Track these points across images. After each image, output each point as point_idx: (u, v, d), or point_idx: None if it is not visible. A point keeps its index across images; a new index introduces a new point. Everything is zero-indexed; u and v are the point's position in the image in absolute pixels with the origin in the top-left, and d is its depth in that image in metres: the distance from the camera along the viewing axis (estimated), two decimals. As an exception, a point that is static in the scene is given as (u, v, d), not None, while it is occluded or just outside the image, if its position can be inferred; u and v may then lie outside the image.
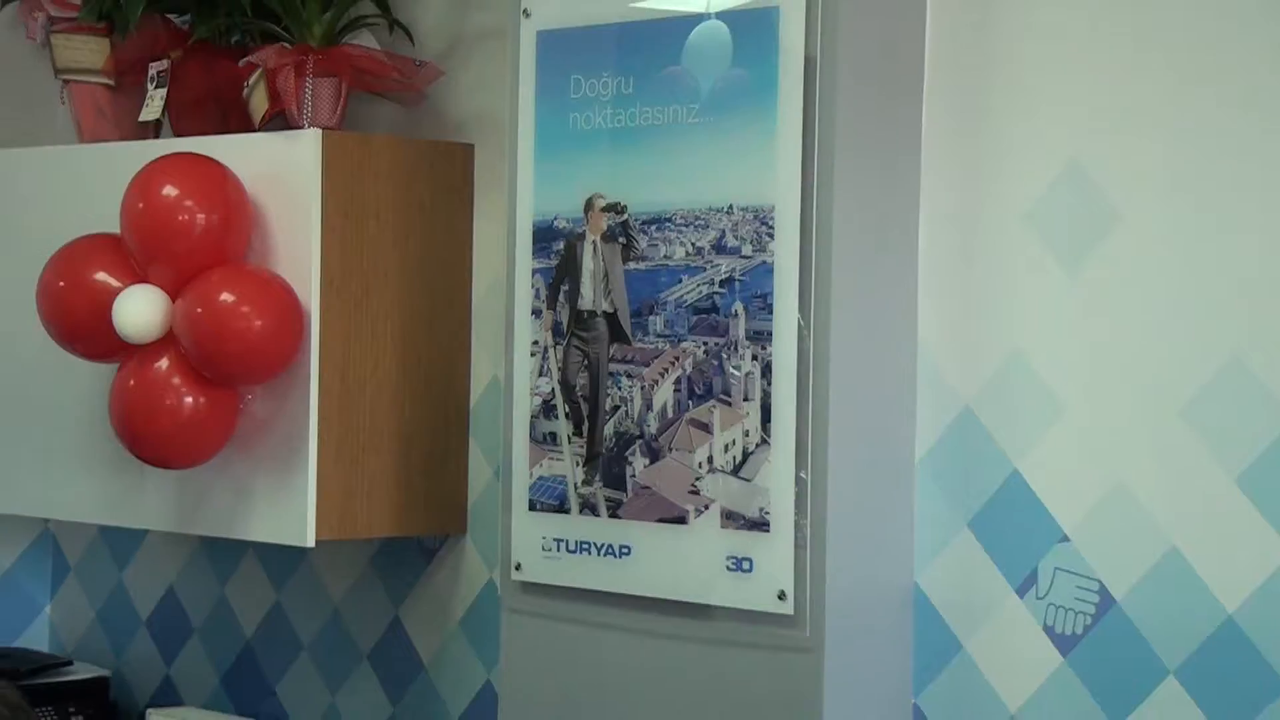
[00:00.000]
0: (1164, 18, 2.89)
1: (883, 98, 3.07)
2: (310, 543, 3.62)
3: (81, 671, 4.33)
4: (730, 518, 3.05)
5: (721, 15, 3.07)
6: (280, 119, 3.73)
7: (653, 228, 3.14)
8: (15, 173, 4.14)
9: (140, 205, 3.62)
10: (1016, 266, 3.03)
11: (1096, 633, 2.94)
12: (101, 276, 3.65)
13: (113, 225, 3.68)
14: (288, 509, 3.64)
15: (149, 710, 4.16)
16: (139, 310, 3.58)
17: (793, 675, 2.99)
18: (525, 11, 3.29)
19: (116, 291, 3.60)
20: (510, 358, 3.34)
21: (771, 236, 3.00)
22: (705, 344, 3.08)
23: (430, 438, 3.78)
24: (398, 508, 3.74)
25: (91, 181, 3.85)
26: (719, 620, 3.08)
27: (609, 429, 3.20)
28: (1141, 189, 2.90)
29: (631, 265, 3.17)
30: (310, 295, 3.60)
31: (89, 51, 3.99)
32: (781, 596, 2.99)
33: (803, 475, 2.98)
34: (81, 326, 3.68)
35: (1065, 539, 2.97)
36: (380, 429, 3.71)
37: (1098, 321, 2.95)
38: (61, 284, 3.70)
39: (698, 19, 3.10)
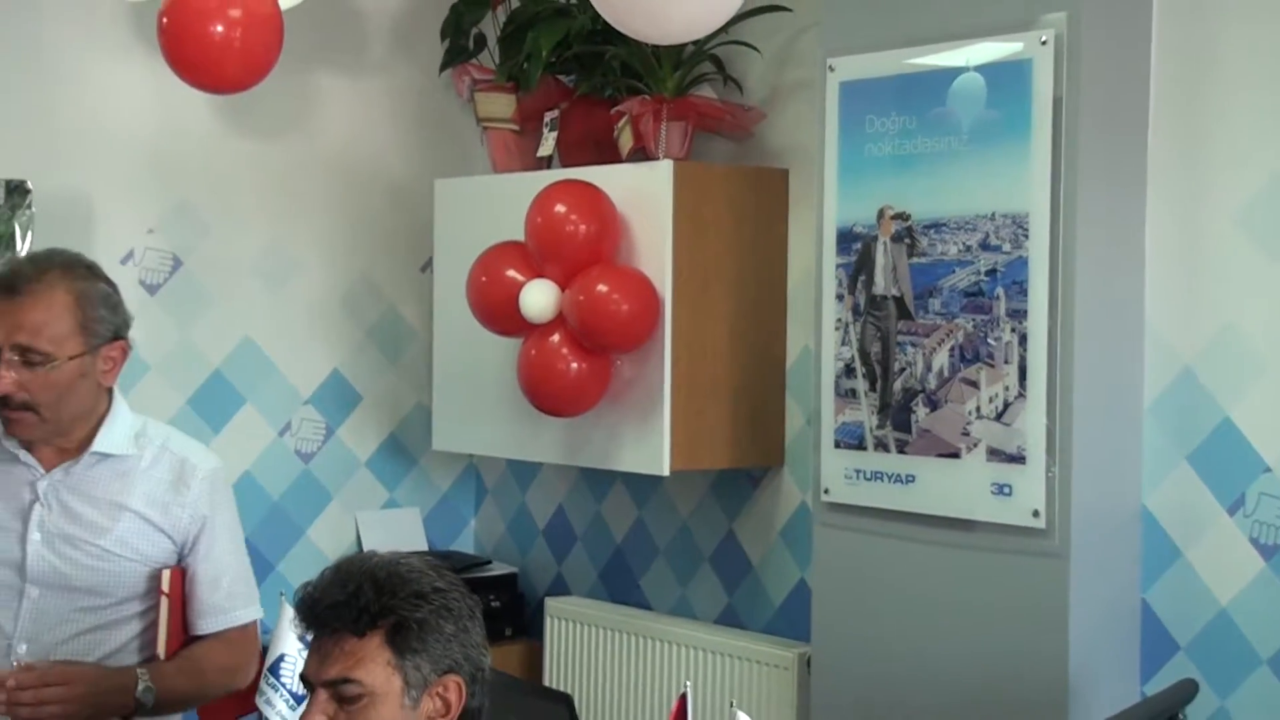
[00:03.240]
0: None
1: (1116, 124, 3.02)
2: (666, 472, 3.68)
3: (497, 569, 4.40)
4: (994, 453, 3.03)
5: (979, 68, 3.04)
6: (641, 153, 3.79)
7: (931, 231, 3.12)
8: (450, 196, 4.24)
9: (539, 219, 3.70)
10: (1228, 256, 2.97)
11: (1294, 544, 2.90)
12: (511, 273, 3.73)
13: (519, 234, 3.76)
14: (648, 446, 3.69)
15: (546, 598, 4.24)
16: (538, 298, 3.66)
17: (1044, 576, 2.97)
18: (830, 68, 3.30)
19: (522, 284, 3.69)
20: (819, 331, 3.35)
21: (1026, 237, 2.97)
22: (973, 320, 3.06)
23: (755, 392, 3.78)
24: (731, 446, 3.75)
25: (503, 202, 3.92)
26: (984, 533, 3.06)
27: (897, 385, 3.19)
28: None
29: (914, 260, 3.15)
30: (664, 285, 3.64)
31: (501, 105, 4.08)
32: (1035, 514, 2.97)
33: (1051, 422, 2.95)
34: (497, 310, 3.76)
35: (1268, 470, 2.92)
36: (718, 386, 3.72)
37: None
38: (483, 279, 3.79)
39: (959, 71, 3.08)
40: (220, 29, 3.11)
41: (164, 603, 2.50)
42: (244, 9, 3.14)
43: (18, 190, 3.64)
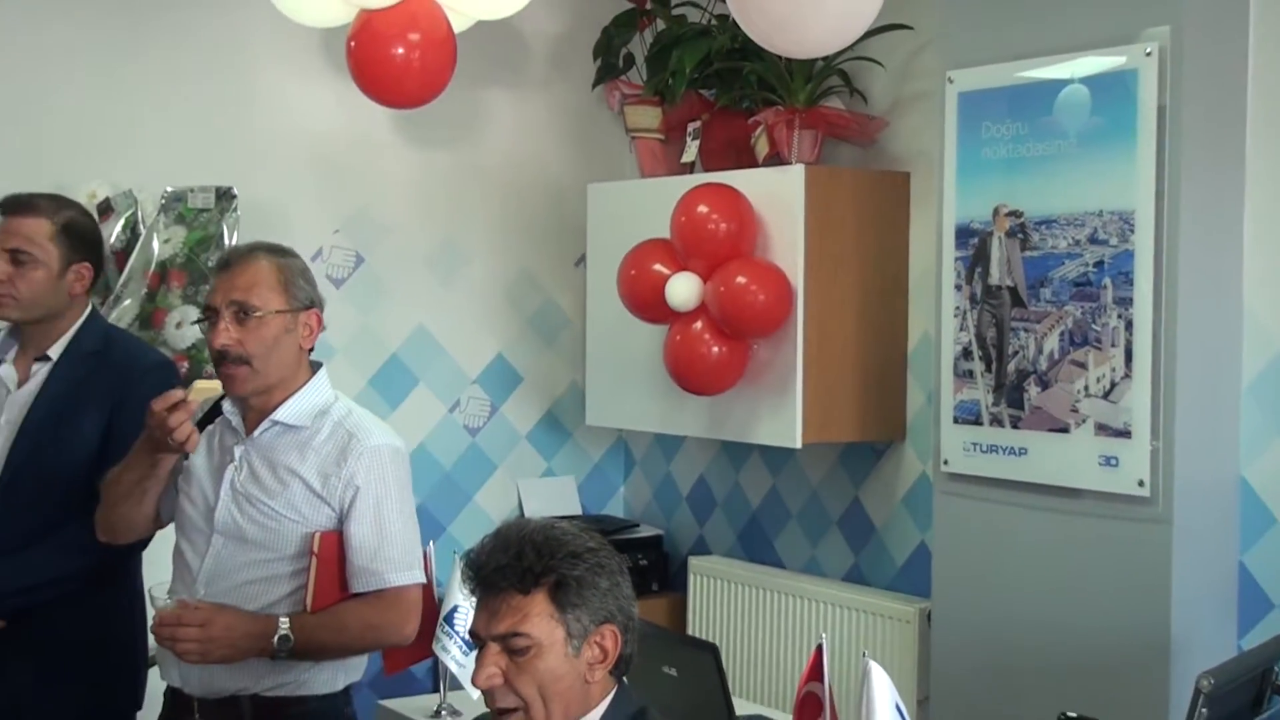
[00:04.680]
0: None
1: (1216, 128, 3.01)
2: (798, 445, 3.70)
3: (645, 530, 4.46)
4: (1101, 428, 3.03)
5: (1087, 79, 3.03)
6: (776, 158, 3.81)
7: (1043, 226, 3.13)
8: (601, 199, 4.28)
9: (683, 218, 3.73)
10: (1322, 246, 2.96)
11: (1382, 510, 2.87)
12: (658, 267, 3.77)
13: (664, 232, 3.80)
14: (782, 421, 3.71)
15: (689, 557, 4.29)
16: (683, 289, 3.70)
17: (1149, 540, 2.98)
18: (950, 79, 3.32)
19: (667, 277, 3.73)
20: (939, 318, 3.37)
21: (1132, 231, 2.97)
22: (1082, 307, 3.06)
23: (880, 373, 3.79)
24: (858, 421, 3.77)
25: (650, 204, 3.96)
26: (1092, 501, 3.07)
27: (1011, 367, 3.20)
28: None
29: (1027, 253, 3.16)
30: (797, 277, 3.67)
31: (648, 116, 4.13)
32: (1141, 484, 2.97)
33: (1155, 399, 2.94)
34: (645, 300, 3.80)
35: (1358, 443, 2.90)
36: (845, 367, 3.74)
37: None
38: (633, 272, 3.84)
39: (1065, 83, 3.08)
40: (401, 51, 3.20)
41: (313, 562, 2.53)
42: (422, 34, 3.22)
43: (225, 195, 3.78)
